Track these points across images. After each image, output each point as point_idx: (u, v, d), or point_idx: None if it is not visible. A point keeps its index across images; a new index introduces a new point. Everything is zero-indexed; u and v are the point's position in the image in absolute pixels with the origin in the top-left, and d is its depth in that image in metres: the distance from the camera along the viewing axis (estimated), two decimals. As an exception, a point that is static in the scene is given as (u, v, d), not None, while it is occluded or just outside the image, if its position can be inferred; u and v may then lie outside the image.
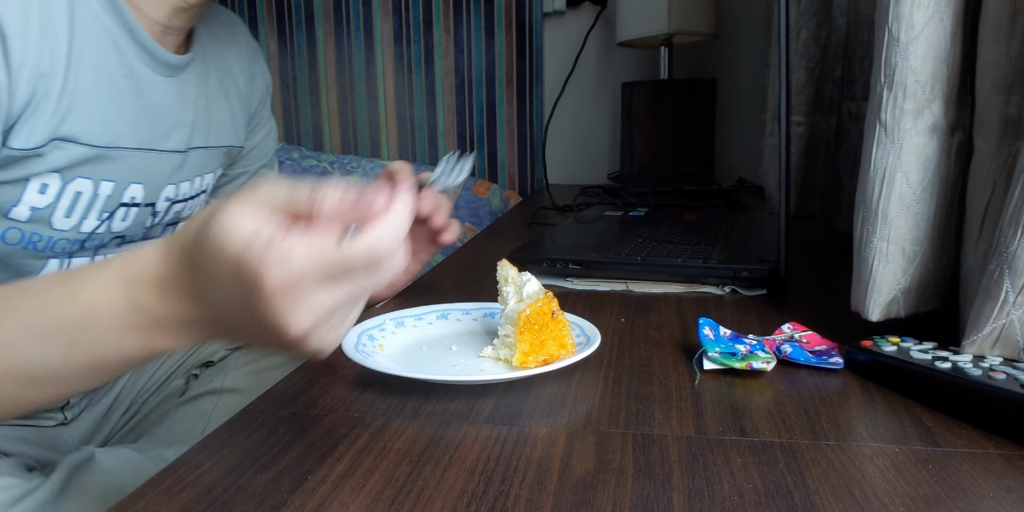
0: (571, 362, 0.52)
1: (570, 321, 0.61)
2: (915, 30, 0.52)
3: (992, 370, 0.45)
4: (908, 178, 0.54)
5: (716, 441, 0.43)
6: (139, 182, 0.66)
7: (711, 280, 0.78)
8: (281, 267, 0.35)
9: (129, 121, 0.63)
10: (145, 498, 0.37)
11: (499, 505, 0.36)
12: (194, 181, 0.75)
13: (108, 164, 0.63)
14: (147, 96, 0.65)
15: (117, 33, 0.61)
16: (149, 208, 0.70)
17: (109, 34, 0.60)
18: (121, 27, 0.61)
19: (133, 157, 0.65)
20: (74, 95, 0.58)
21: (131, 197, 0.67)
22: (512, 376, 0.50)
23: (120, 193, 0.65)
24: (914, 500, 0.36)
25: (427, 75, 2.04)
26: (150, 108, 0.66)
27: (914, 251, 0.56)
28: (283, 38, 2.10)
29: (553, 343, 0.52)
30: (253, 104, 0.84)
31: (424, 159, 2.09)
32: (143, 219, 0.70)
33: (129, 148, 0.64)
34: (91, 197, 0.63)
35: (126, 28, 0.62)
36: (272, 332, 0.37)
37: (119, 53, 0.61)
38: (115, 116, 0.62)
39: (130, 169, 0.65)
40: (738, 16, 1.85)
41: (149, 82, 0.65)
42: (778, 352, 0.55)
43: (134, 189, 0.66)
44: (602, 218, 1.18)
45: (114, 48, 0.61)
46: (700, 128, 1.65)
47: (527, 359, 0.52)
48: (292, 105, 2.15)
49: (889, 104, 0.54)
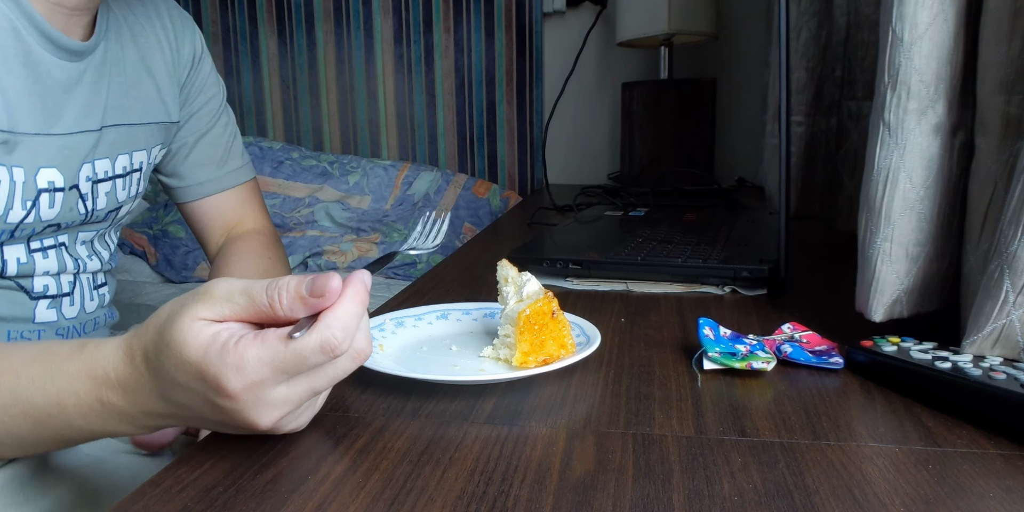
0: (571, 362, 0.52)
1: (570, 321, 0.61)
2: (919, 30, 0.52)
3: (992, 370, 0.45)
4: (912, 178, 0.54)
5: (716, 441, 0.43)
6: (51, 166, 0.66)
7: (711, 280, 0.78)
8: (238, 372, 0.37)
9: (26, 106, 0.63)
10: (145, 498, 0.37)
11: (499, 505, 0.36)
12: (116, 159, 0.74)
13: (12, 151, 0.62)
14: (46, 81, 0.64)
15: (16, 21, 0.61)
16: (74, 191, 0.69)
17: (8, 21, 0.60)
18: (20, 14, 0.61)
19: (34, 142, 0.64)
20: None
21: (48, 182, 0.66)
22: (512, 376, 0.50)
23: (33, 179, 0.64)
24: (914, 500, 0.36)
25: (427, 75, 2.04)
26: (52, 93, 0.65)
27: (917, 251, 0.56)
28: (283, 38, 2.10)
29: (553, 343, 0.52)
30: (181, 75, 0.82)
31: (424, 159, 2.09)
32: (71, 203, 0.69)
33: (28, 133, 0.63)
34: (9, 185, 0.62)
35: (24, 16, 0.61)
36: (242, 426, 0.40)
37: (17, 40, 0.61)
38: (12, 102, 0.61)
39: (35, 154, 0.64)
40: (738, 16, 1.85)
41: (51, 67, 0.65)
42: (778, 352, 0.55)
43: (47, 173, 0.66)
44: (602, 218, 1.18)
45: (12, 35, 0.61)
46: (700, 128, 1.64)
47: (527, 359, 0.52)
48: (292, 105, 2.15)
49: (893, 104, 0.54)
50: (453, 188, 1.92)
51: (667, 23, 1.57)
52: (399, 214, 1.88)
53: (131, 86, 0.75)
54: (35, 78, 0.63)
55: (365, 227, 1.85)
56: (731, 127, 1.89)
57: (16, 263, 0.67)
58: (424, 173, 1.94)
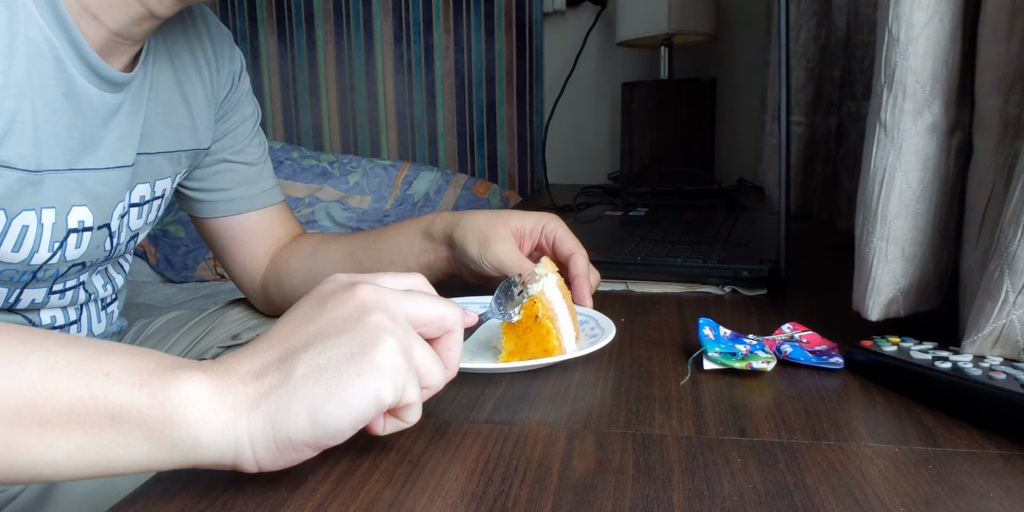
0: (582, 354, 0.53)
1: (584, 314, 0.61)
2: (915, 30, 0.52)
3: (992, 370, 0.45)
4: (908, 178, 0.54)
5: (716, 441, 0.43)
6: (82, 204, 0.62)
7: (711, 280, 0.78)
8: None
9: (63, 140, 0.59)
10: (145, 498, 0.37)
11: (499, 505, 0.36)
12: (135, 188, 0.69)
13: (39, 191, 0.58)
14: (87, 114, 0.60)
15: (61, 49, 0.56)
16: (103, 230, 0.65)
17: (53, 50, 0.55)
18: (67, 43, 0.56)
19: (64, 178, 0.60)
20: (12, 116, 0.54)
21: (79, 221, 0.62)
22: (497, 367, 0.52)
23: (64, 219, 0.61)
24: (914, 500, 0.36)
25: (427, 75, 2.04)
26: (90, 126, 0.61)
27: (913, 251, 0.56)
28: (283, 38, 2.10)
29: (536, 346, 0.52)
30: (220, 93, 0.78)
31: (424, 159, 2.09)
32: (99, 242, 0.66)
33: (59, 170, 0.59)
34: (37, 228, 0.59)
35: (71, 43, 0.56)
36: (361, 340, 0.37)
37: (60, 71, 0.57)
38: (43, 138, 0.57)
39: (67, 191, 0.60)
40: (738, 16, 1.85)
41: (93, 99, 0.60)
42: (778, 352, 0.55)
43: (79, 212, 0.62)
44: (602, 218, 1.18)
45: (55, 65, 0.56)
46: (700, 128, 1.65)
47: (511, 359, 0.53)
48: (292, 105, 2.15)
49: (889, 104, 0.54)
50: (453, 188, 1.92)
51: (667, 23, 1.57)
52: (399, 214, 1.88)
53: (164, 113, 0.70)
54: (76, 111, 0.59)
55: (365, 227, 1.85)
56: (731, 127, 1.89)
57: (30, 302, 0.65)
58: (424, 173, 1.94)
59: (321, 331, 0.37)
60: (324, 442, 0.36)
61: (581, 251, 0.69)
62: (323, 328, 0.37)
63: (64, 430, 0.33)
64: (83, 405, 0.34)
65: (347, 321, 0.37)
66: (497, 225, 0.68)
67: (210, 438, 0.35)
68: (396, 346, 0.37)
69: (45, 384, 0.34)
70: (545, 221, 0.70)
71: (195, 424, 0.34)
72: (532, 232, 0.69)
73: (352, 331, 0.37)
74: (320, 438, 0.36)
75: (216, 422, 0.35)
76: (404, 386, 0.37)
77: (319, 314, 0.38)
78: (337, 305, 0.38)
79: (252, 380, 0.36)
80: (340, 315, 0.38)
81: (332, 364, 0.36)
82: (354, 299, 0.38)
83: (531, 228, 0.69)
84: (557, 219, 0.70)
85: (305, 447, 0.36)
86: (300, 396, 0.35)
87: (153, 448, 0.34)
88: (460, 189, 1.92)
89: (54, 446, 0.33)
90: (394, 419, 0.40)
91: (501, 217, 0.69)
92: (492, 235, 0.67)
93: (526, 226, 0.69)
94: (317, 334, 0.37)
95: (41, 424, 0.33)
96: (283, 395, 0.35)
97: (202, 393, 0.35)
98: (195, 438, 0.34)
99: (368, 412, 0.36)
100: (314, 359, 0.36)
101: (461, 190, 1.92)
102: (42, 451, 0.33)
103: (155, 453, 0.35)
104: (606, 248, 0.87)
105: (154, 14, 0.59)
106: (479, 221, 0.69)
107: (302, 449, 0.36)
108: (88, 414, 0.34)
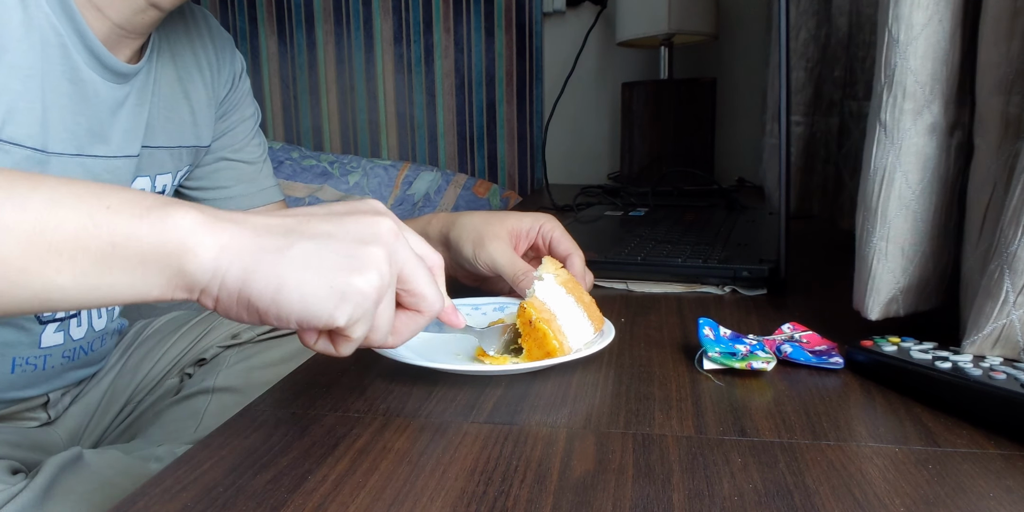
0: (581, 356, 0.53)
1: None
2: (914, 31, 0.52)
3: (992, 370, 0.45)
4: (907, 178, 0.54)
5: (716, 441, 0.43)
6: None
7: (711, 280, 0.78)
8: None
9: (69, 125, 0.61)
10: (145, 498, 0.37)
11: (499, 505, 0.36)
12: (135, 181, 0.71)
13: (50, 171, 0.59)
14: (93, 101, 0.62)
15: (67, 37, 0.58)
16: None
17: (59, 38, 0.58)
18: (72, 31, 0.59)
19: (73, 163, 0.62)
20: (19, 95, 0.56)
21: None
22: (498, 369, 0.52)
23: None
24: (914, 500, 0.36)
25: (427, 75, 2.04)
26: (97, 115, 0.63)
27: (913, 250, 0.56)
28: (283, 38, 2.10)
29: (539, 349, 0.52)
30: (220, 92, 0.81)
31: (424, 159, 2.09)
32: None
33: (67, 153, 0.61)
34: None
35: (76, 32, 0.59)
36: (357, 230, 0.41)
37: (65, 57, 0.59)
38: (50, 120, 0.59)
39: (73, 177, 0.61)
40: (738, 16, 1.85)
41: (98, 87, 0.62)
42: (778, 352, 0.55)
43: None
44: (602, 218, 1.18)
45: (60, 52, 0.58)
46: (700, 128, 1.65)
47: (508, 361, 0.53)
48: (292, 105, 2.15)
49: (889, 104, 0.54)
50: (453, 188, 1.92)
51: (667, 23, 1.57)
52: (399, 214, 1.87)
53: (166, 108, 0.73)
54: (82, 97, 0.61)
55: (365, 227, 1.85)
56: (731, 127, 1.89)
57: None
58: (424, 173, 1.94)
59: (330, 234, 0.40)
60: (268, 319, 0.39)
61: (578, 252, 0.69)
62: (332, 233, 0.40)
63: (71, 256, 0.36)
64: (87, 233, 0.36)
65: (355, 240, 0.40)
66: (493, 225, 0.68)
67: (194, 268, 0.37)
68: (376, 284, 0.39)
69: (52, 214, 0.36)
70: (542, 222, 0.70)
71: (184, 254, 0.37)
72: (528, 232, 0.70)
73: (353, 251, 0.40)
74: (268, 313, 0.39)
75: (204, 256, 0.37)
76: (358, 320, 0.40)
77: (341, 220, 0.41)
78: (357, 222, 0.41)
79: (251, 235, 0.39)
80: (353, 231, 0.40)
81: (319, 265, 0.39)
82: (375, 227, 0.41)
83: (527, 228, 0.69)
84: (554, 220, 0.70)
85: (256, 313, 0.39)
86: (279, 272, 0.38)
87: (148, 274, 0.37)
88: (460, 189, 1.92)
89: (63, 270, 0.36)
90: (327, 342, 0.42)
91: (497, 217, 0.69)
92: (487, 235, 0.67)
93: (522, 226, 0.69)
94: (326, 234, 0.40)
95: (50, 250, 0.36)
96: (267, 263, 0.38)
97: (197, 228, 0.38)
98: (182, 266, 0.37)
99: (317, 319, 0.39)
100: (308, 251, 0.39)
101: (461, 190, 1.92)
102: (51, 274, 0.36)
103: (149, 278, 0.37)
104: (606, 248, 0.87)
105: (155, 4, 0.61)
106: (475, 221, 0.69)
107: (252, 313, 0.39)
108: (92, 241, 0.36)
